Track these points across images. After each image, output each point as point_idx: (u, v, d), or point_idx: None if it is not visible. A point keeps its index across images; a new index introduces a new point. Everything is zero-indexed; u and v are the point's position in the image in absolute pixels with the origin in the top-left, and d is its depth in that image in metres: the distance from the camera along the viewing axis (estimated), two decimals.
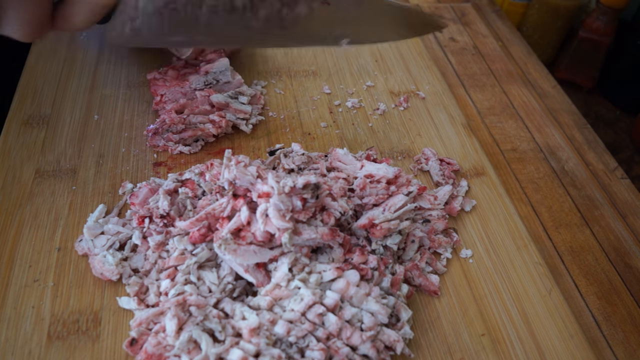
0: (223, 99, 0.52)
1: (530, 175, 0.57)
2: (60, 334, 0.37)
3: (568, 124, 0.65)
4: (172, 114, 0.50)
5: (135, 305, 0.38)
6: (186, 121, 0.50)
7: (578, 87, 0.87)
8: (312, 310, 0.35)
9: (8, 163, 0.48)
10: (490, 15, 0.83)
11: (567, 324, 0.41)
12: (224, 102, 0.52)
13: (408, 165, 0.53)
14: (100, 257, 0.40)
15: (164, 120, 0.50)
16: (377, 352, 0.35)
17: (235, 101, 0.53)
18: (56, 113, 0.53)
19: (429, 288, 0.42)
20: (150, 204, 0.43)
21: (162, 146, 0.50)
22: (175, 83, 0.52)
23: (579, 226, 0.52)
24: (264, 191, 0.38)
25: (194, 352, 0.34)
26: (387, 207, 0.42)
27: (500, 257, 0.45)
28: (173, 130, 0.50)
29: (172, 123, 0.49)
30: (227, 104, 0.52)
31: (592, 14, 0.81)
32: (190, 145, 0.51)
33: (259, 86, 0.60)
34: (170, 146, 0.50)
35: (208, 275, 0.39)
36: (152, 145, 0.50)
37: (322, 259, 0.39)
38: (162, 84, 0.52)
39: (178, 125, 0.50)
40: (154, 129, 0.50)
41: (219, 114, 0.52)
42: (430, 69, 0.66)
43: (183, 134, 0.50)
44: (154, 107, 0.52)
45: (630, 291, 0.48)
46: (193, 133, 0.50)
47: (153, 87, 0.53)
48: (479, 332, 0.40)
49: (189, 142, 0.51)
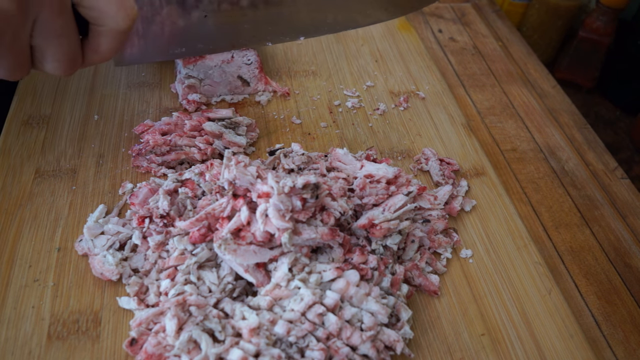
0: (217, 129, 0.49)
1: (530, 175, 0.57)
2: (60, 334, 0.37)
3: (568, 124, 0.65)
4: (157, 136, 0.48)
5: (135, 305, 0.38)
6: (171, 143, 0.48)
7: (578, 87, 0.87)
8: (312, 310, 0.35)
9: (8, 163, 0.48)
10: (490, 15, 0.83)
11: (567, 324, 0.41)
12: (218, 132, 0.49)
13: (408, 165, 0.53)
14: (100, 257, 0.40)
15: (147, 141, 0.48)
16: (377, 352, 0.35)
17: (230, 132, 0.50)
18: (56, 113, 0.53)
19: (429, 288, 0.42)
20: (150, 204, 0.43)
21: (145, 167, 0.48)
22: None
23: (579, 226, 0.52)
24: (264, 191, 0.38)
25: (194, 352, 0.34)
26: (387, 207, 0.42)
27: (500, 257, 0.45)
28: (157, 152, 0.48)
29: (156, 145, 0.48)
30: (221, 134, 0.50)
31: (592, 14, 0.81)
32: (174, 167, 0.49)
33: (265, 96, 0.58)
34: (154, 168, 0.48)
35: (208, 275, 0.39)
36: (134, 166, 0.48)
37: (322, 259, 0.39)
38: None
39: (162, 147, 0.48)
40: (138, 149, 0.48)
41: (206, 139, 0.49)
42: (430, 69, 0.66)
43: (166, 156, 0.48)
44: (137, 131, 0.51)
45: (630, 291, 0.48)
46: (177, 156, 0.48)
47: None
48: (479, 332, 0.40)
49: (172, 164, 0.49)
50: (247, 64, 0.55)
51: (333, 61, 0.65)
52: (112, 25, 0.37)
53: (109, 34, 0.37)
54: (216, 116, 0.51)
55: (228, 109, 0.53)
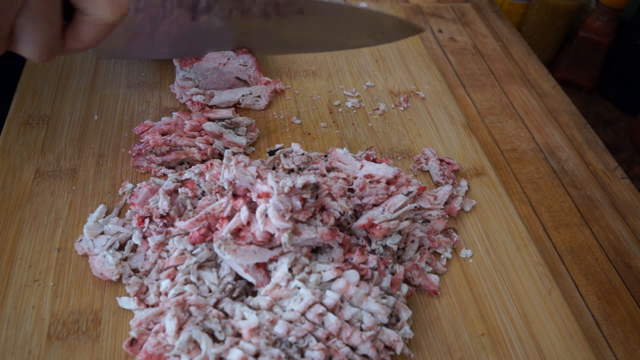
0: (217, 129, 0.50)
1: (530, 175, 0.57)
2: (60, 334, 0.37)
3: (568, 124, 0.65)
4: (157, 136, 0.48)
5: (135, 305, 0.38)
6: (171, 143, 0.48)
7: (578, 87, 0.87)
8: (312, 310, 0.35)
9: (8, 163, 0.48)
10: (490, 15, 0.83)
11: (567, 324, 0.41)
12: (218, 132, 0.50)
13: (408, 165, 0.53)
14: (100, 257, 0.40)
15: (147, 141, 0.48)
16: (377, 352, 0.35)
17: (230, 132, 0.50)
18: (56, 113, 0.53)
19: (428, 288, 0.42)
20: (150, 204, 0.43)
21: (145, 167, 0.48)
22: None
23: (579, 226, 0.52)
24: (264, 191, 0.38)
25: (193, 352, 0.34)
26: (386, 207, 0.42)
27: (500, 257, 0.45)
28: (157, 152, 0.48)
29: (156, 145, 0.48)
30: (221, 134, 0.50)
31: (592, 14, 0.81)
32: (174, 167, 0.49)
33: (263, 100, 0.57)
34: (154, 168, 0.48)
35: (208, 275, 0.39)
36: (134, 166, 0.48)
37: (322, 259, 0.39)
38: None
39: (162, 147, 0.48)
40: (138, 149, 0.48)
41: (206, 139, 0.49)
42: (430, 69, 0.66)
43: (166, 156, 0.48)
44: (137, 131, 0.50)
45: (630, 291, 0.48)
46: (177, 156, 0.48)
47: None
48: (479, 332, 0.40)
49: (172, 164, 0.49)
50: (244, 66, 0.55)
51: (333, 61, 0.65)
52: (99, 16, 0.35)
53: (95, 24, 0.36)
54: (216, 116, 0.51)
55: (228, 108, 0.53)
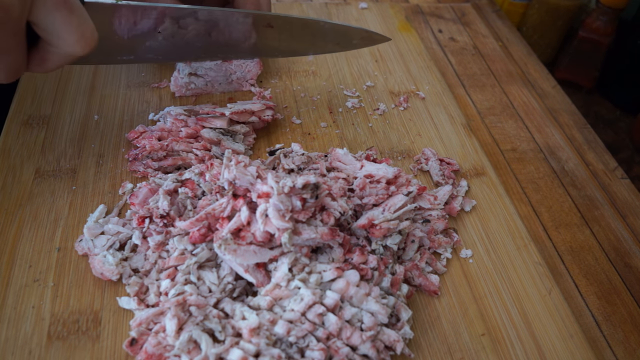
0: (215, 136, 0.49)
1: (530, 175, 0.57)
2: (60, 334, 0.37)
3: (568, 124, 0.65)
4: (153, 141, 0.48)
5: (135, 305, 0.38)
6: (168, 148, 0.48)
7: (578, 87, 0.87)
8: (312, 310, 0.35)
9: (8, 163, 0.48)
10: (490, 15, 0.83)
11: (567, 324, 0.41)
12: (216, 139, 0.49)
13: (408, 165, 0.53)
14: (100, 257, 0.40)
15: (144, 146, 0.48)
16: (377, 352, 0.35)
17: (228, 139, 0.50)
18: (56, 113, 0.53)
19: (429, 288, 0.42)
20: (150, 204, 0.43)
21: (142, 172, 0.48)
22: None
23: (579, 226, 0.52)
24: (264, 191, 0.38)
25: (194, 352, 0.34)
26: (386, 207, 0.42)
27: (500, 257, 0.45)
28: (153, 157, 0.48)
29: (153, 150, 0.47)
30: (219, 141, 0.49)
31: (592, 14, 0.81)
32: (171, 173, 0.48)
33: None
34: (150, 173, 0.48)
35: (208, 275, 0.39)
36: (131, 171, 0.48)
37: (322, 259, 0.39)
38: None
39: (159, 152, 0.48)
40: (134, 154, 0.48)
41: (203, 145, 0.49)
42: (430, 69, 0.66)
43: (163, 162, 0.48)
44: (130, 137, 0.50)
45: (630, 291, 0.48)
46: (173, 162, 0.48)
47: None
48: (479, 332, 0.40)
49: (169, 170, 0.48)
50: (243, 67, 0.56)
51: (333, 61, 0.65)
52: (67, 51, 0.35)
53: (61, 54, 0.35)
54: (210, 127, 0.50)
55: (223, 118, 0.51)
